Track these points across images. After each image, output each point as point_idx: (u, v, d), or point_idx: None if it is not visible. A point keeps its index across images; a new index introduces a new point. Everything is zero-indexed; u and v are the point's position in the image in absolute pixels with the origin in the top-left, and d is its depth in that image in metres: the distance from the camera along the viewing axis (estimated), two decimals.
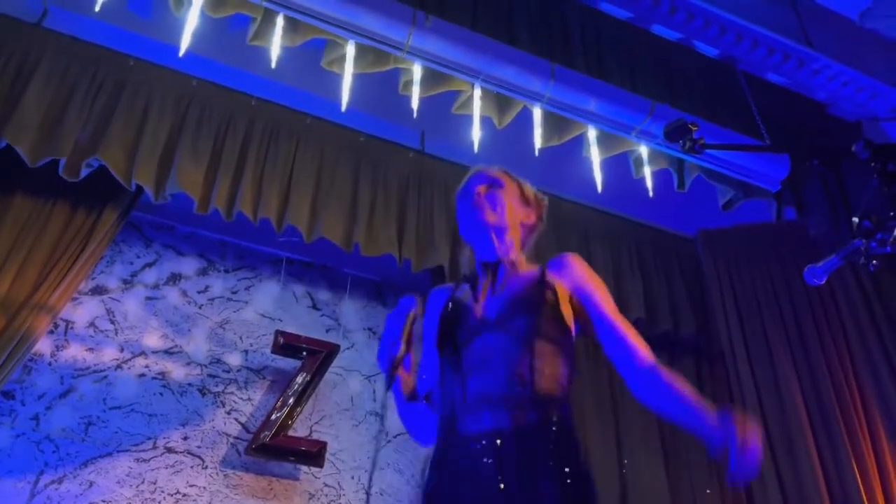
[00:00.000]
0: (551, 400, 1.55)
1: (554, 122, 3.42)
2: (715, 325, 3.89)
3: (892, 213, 1.08)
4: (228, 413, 3.39)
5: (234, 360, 3.50)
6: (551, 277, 1.74)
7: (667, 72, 3.56)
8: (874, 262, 1.25)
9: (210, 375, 3.42)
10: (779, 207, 3.60)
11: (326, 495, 3.39)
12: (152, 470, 3.14)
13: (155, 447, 3.19)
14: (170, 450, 3.21)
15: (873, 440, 3.44)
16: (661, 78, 3.54)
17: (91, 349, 3.27)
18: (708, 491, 3.70)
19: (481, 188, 1.91)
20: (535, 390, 1.55)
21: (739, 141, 3.37)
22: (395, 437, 3.66)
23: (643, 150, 3.51)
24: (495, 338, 1.63)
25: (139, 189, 3.07)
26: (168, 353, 3.39)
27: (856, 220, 1.13)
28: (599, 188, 3.43)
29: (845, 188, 3.37)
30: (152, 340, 3.39)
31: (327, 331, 3.74)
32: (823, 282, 1.62)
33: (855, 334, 3.57)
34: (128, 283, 3.46)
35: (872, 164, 1.11)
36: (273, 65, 2.94)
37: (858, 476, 3.33)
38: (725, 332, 3.78)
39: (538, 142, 3.34)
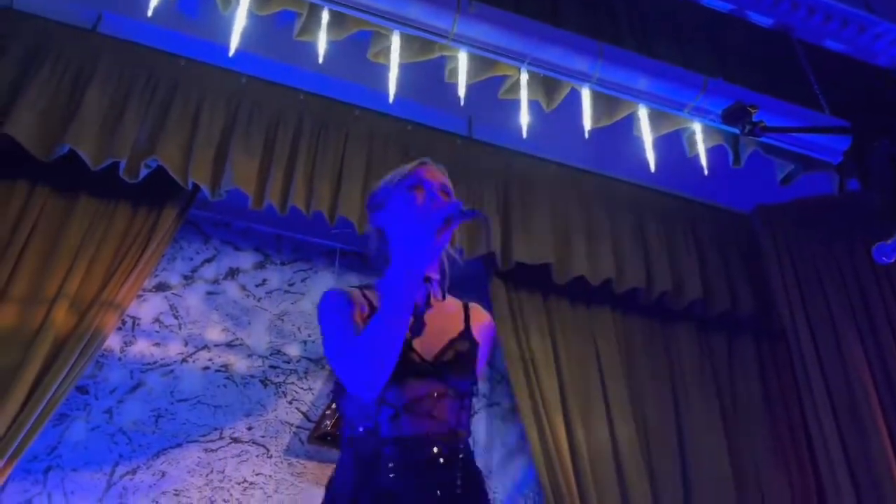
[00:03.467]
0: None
1: (603, 103, 3.36)
2: (775, 305, 3.80)
3: None
4: (290, 403, 3.47)
5: (293, 350, 3.58)
6: (475, 331, 1.77)
7: (719, 45, 3.47)
8: None
9: (271, 366, 3.51)
10: (841, 180, 3.47)
11: None
12: (220, 459, 3.24)
13: (221, 437, 3.29)
14: (235, 440, 3.31)
15: None
16: (712, 52, 3.44)
17: (157, 344, 3.38)
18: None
19: (443, 194, 1.72)
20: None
21: (798, 113, 3.26)
22: None
23: (696, 127, 3.43)
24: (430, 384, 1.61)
25: (196, 187, 3.14)
26: (230, 345, 3.48)
27: None
28: (652, 167, 3.37)
29: None
30: (214, 334, 3.48)
31: None
32: (893, 260, 1.57)
33: None
34: (188, 278, 3.56)
35: None
36: (320, 59, 2.97)
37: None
38: (787, 311, 3.70)
39: (588, 123, 3.29)
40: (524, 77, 3.23)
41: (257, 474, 3.27)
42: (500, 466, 3.67)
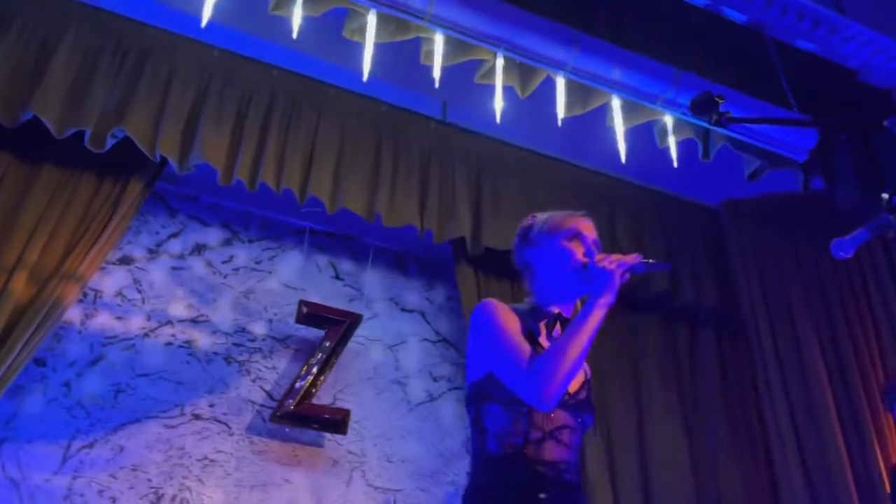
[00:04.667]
0: None
1: (577, 92, 3.38)
2: (738, 299, 3.87)
3: None
4: (253, 381, 3.45)
5: (258, 329, 3.56)
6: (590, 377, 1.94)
7: (693, 39, 3.49)
8: None
9: (235, 344, 3.48)
10: (806, 177, 3.54)
11: (350, 462, 3.46)
12: (180, 436, 3.22)
13: (182, 414, 3.26)
14: (197, 416, 3.28)
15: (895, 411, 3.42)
16: (687, 45, 3.47)
17: (119, 318, 3.33)
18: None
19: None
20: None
21: (767, 110, 3.31)
22: (417, 405, 3.71)
23: (668, 120, 3.46)
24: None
25: (163, 160, 3.09)
26: (194, 322, 3.45)
27: (885, 196, 1.11)
28: (623, 158, 3.40)
29: (876, 158, 3.31)
30: (178, 309, 3.44)
31: (350, 301, 3.77)
32: (851, 255, 1.60)
33: (881, 309, 3.54)
34: (154, 252, 3.51)
35: None
36: (294, 35, 2.93)
37: (879, 452, 3.32)
38: (748, 303, 3.77)
39: (561, 111, 3.30)
40: (500, 62, 3.22)
41: (218, 452, 3.25)
42: (462, 448, 3.70)
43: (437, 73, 3.13)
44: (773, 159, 3.57)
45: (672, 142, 3.47)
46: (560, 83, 3.32)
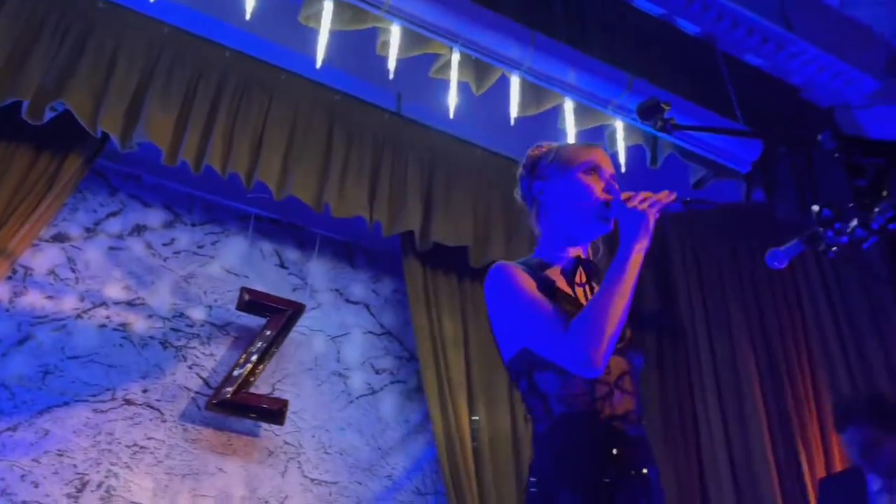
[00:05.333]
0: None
1: (532, 92, 3.40)
2: (678, 304, 3.95)
3: (850, 205, 1.09)
4: (190, 368, 3.37)
5: (197, 314, 3.48)
6: None
7: (646, 47, 3.55)
8: (833, 249, 1.26)
9: (173, 329, 3.39)
10: (748, 189, 3.63)
11: (286, 453, 3.41)
12: (110, 421, 3.12)
13: (113, 398, 3.17)
14: (128, 402, 3.19)
15: (821, 421, 3.55)
16: (640, 53, 3.52)
17: (50, 297, 3.21)
18: None
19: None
20: None
21: (714, 121, 3.38)
22: (357, 398, 3.68)
23: (618, 125, 3.51)
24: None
25: (105, 136, 3.00)
26: (130, 304, 3.35)
27: (815, 208, 1.14)
28: None
29: (814, 174, 3.42)
30: (114, 291, 3.34)
31: (294, 290, 3.72)
32: (784, 265, 1.64)
33: (812, 317, 3.66)
34: (91, 231, 3.40)
35: (837, 155, 1.12)
36: (248, 16, 2.87)
37: (805, 462, 3.43)
38: (688, 309, 3.85)
39: (514, 111, 3.32)
40: (456, 57, 3.22)
41: (149, 438, 3.17)
42: (401, 443, 3.69)
43: (392, 65, 3.10)
44: (717, 169, 3.65)
45: (621, 147, 3.52)
46: (515, 82, 3.34)
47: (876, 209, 1.07)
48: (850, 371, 3.47)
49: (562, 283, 1.61)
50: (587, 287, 1.66)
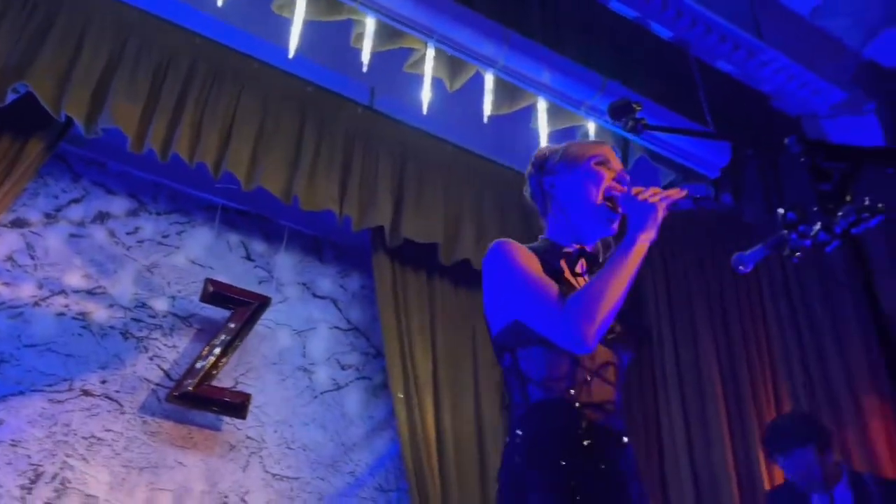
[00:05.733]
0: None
1: (505, 90, 3.40)
2: (645, 304, 3.97)
3: (814, 209, 1.10)
4: (151, 359, 3.31)
5: (160, 305, 3.41)
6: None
7: (621, 50, 3.57)
8: (797, 254, 1.27)
9: (134, 319, 3.33)
10: (716, 193, 3.68)
11: (247, 447, 3.37)
12: (67, 412, 3.05)
13: (71, 389, 3.09)
14: (86, 392, 3.12)
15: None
16: (614, 55, 3.53)
17: (7, 284, 3.12)
18: None
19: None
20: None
21: (684, 125, 3.41)
22: (322, 393, 3.65)
23: (591, 126, 3.53)
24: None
25: (69, 120, 2.93)
26: (90, 293, 3.28)
27: (780, 211, 1.15)
28: None
29: (781, 180, 3.47)
30: (74, 279, 3.26)
31: (260, 282, 3.67)
32: (749, 270, 1.66)
33: (775, 322, 3.71)
34: (51, 217, 3.31)
35: (802, 160, 1.13)
36: (220, 2, 2.83)
37: (765, 469, 3.47)
38: (654, 311, 3.87)
39: (488, 108, 3.32)
40: (430, 53, 3.21)
41: (107, 430, 3.10)
42: (365, 439, 3.66)
43: (366, 58, 3.08)
44: (686, 173, 3.69)
45: None
46: (489, 80, 3.34)
47: (839, 213, 1.08)
48: (808, 375, 3.52)
49: (566, 272, 1.64)
50: (587, 276, 1.70)
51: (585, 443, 1.49)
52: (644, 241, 1.54)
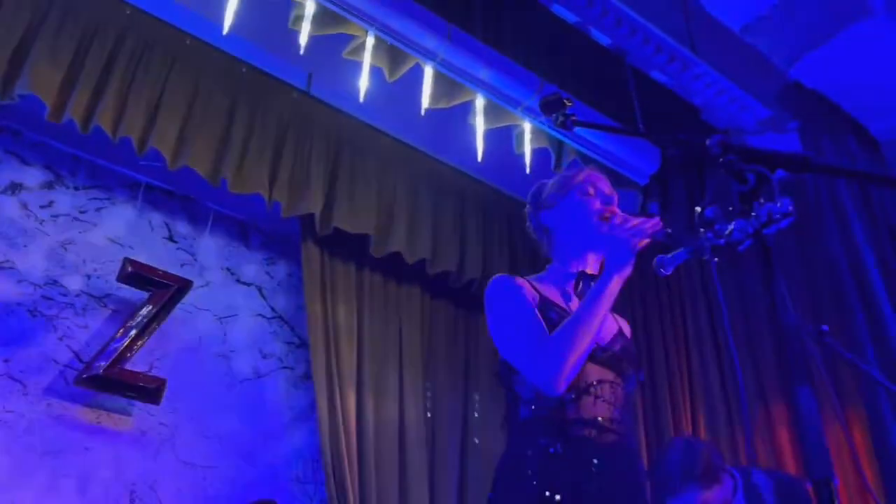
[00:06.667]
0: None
1: (444, 85, 3.39)
2: None
3: (730, 208, 1.13)
4: (60, 339, 3.15)
5: (73, 283, 3.26)
6: (626, 331, 1.87)
7: (560, 53, 3.61)
8: (716, 259, 1.30)
9: (44, 297, 3.17)
10: (644, 200, 3.76)
11: (160, 434, 3.25)
12: None
13: None
14: None
15: (695, 427, 3.71)
16: (553, 58, 3.57)
17: None
18: None
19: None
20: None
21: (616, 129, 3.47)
22: (241, 381, 3.56)
23: (526, 126, 3.55)
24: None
25: None
26: None
27: (698, 209, 1.18)
28: (480, 157, 3.45)
29: (705, 190, 3.57)
30: None
31: (182, 265, 3.55)
32: (670, 272, 1.69)
33: (693, 330, 3.82)
34: None
35: (722, 160, 1.16)
36: None
37: None
38: None
39: (426, 101, 3.30)
40: (370, 41, 3.17)
41: (8, 411, 2.94)
42: (285, 430, 3.59)
43: (304, 40, 3.02)
44: (617, 178, 3.76)
45: (528, 149, 3.56)
46: (428, 73, 3.32)
47: (753, 214, 1.11)
48: (724, 383, 3.64)
49: (556, 299, 1.74)
50: None
51: (571, 457, 1.56)
52: (619, 279, 1.62)
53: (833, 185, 3.59)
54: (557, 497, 1.52)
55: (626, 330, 1.86)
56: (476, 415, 3.88)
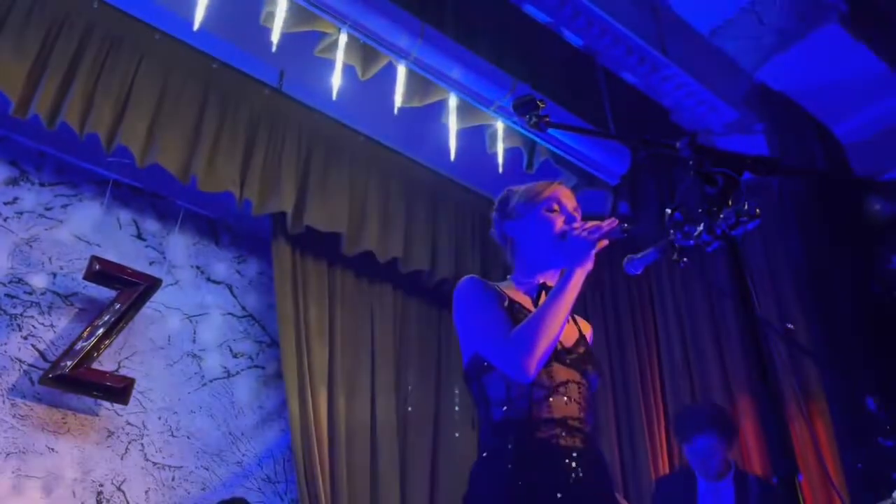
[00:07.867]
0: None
1: (417, 83, 3.39)
2: None
3: (699, 210, 1.15)
4: (25, 338, 3.10)
5: (38, 281, 3.20)
6: (588, 336, 1.91)
7: (532, 53, 3.62)
8: (685, 259, 1.33)
9: (8, 295, 3.11)
10: (614, 200, 3.80)
11: (127, 434, 3.21)
12: None
13: None
14: None
15: (667, 425, 3.77)
16: (525, 58, 3.59)
17: None
18: None
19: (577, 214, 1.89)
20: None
21: (587, 130, 3.50)
22: (211, 380, 3.53)
23: (499, 126, 3.57)
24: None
25: None
26: None
27: (668, 210, 1.20)
28: (452, 156, 3.45)
29: (675, 191, 3.62)
30: None
31: (151, 263, 3.51)
32: (640, 272, 1.72)
33: (662, 325, 3.88)
34: None
35: (691, 162, 1.18)
36: None
37: (650, 455, 3.62)
38: None
39: (399, 100, 3.30)
40: (343, 39, 3.16)
41: None
42: (255, 429, 3.57)
43: (275, 37, 3.00)
44: (589, 179, 3.80)
45: (500, 148, 3.58)
46: (401, 71, 3.32)
47: (721, 216, 1.13)
48: (690, 375, 3.71)
49: (526, 304, 1.79)
50: None
51: (541, 456, 1.61)
52: (580, 274, 1.68)
53: (797, 185, 3.67)
54: (535, 493, 1.56)
55: (589, 335, 1.91)
56: (457, 409, 3.90)
